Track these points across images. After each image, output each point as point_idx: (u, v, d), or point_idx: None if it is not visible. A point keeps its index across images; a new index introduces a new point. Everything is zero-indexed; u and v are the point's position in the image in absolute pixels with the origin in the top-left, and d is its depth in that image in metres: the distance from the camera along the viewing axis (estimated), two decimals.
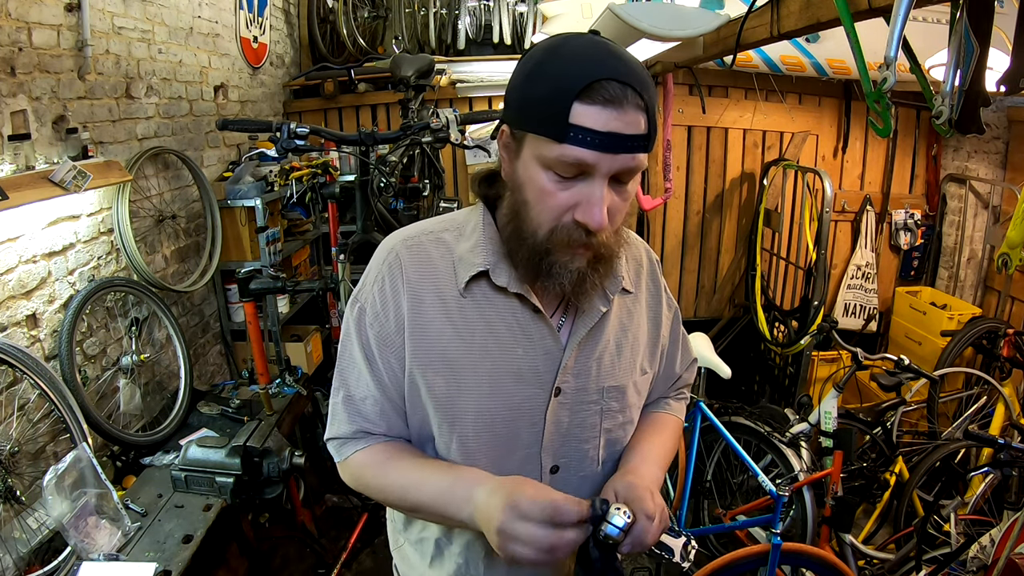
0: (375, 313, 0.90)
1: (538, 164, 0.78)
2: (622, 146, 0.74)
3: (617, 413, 0.96)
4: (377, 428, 0.93)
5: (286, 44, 3.91)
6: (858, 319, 3.57)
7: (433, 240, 0.91)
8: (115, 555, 1.57)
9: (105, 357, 2.09)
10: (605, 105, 0.73)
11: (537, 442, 0.91)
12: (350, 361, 0.93)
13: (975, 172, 3.33)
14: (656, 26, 1.81)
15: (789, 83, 3.24)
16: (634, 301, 0.99)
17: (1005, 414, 2.71)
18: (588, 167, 0.75)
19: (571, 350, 0.89)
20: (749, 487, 2.74)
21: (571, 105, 0.73)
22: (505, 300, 0.88)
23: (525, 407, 0.89)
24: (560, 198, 0.78)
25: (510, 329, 0.88)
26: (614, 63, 0.75)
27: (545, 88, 0.76)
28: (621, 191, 0.80)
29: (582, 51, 0.76)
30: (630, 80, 0.74)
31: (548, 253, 0.81)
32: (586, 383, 0.92)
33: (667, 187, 3.04)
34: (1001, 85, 1.06)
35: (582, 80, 0.73)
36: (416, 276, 0.89)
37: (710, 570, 1.86)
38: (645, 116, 0.76)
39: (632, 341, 0.97)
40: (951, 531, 2.23)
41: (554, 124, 0.74)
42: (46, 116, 1.82)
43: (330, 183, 3.12)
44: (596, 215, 0.77)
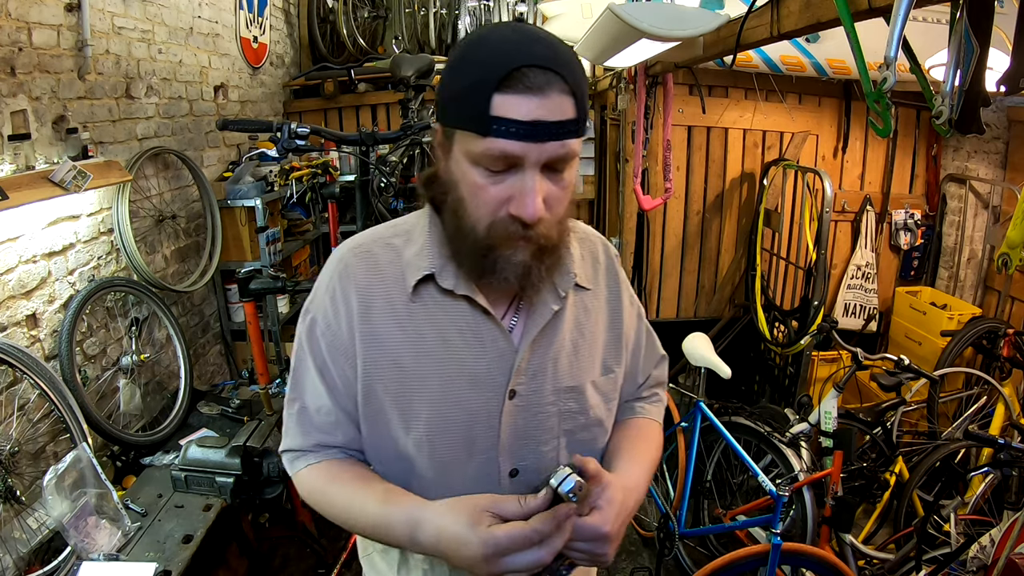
0: (327, 323, 0.88)
1: (467, 160, 0.76)
2: (549, 134, 0.72)
3: (577, 414, 0.93)
4: (332, 440, 0.91)
5: (286, 44, 3.92)
6: (858, 319, 3.57)
7: (382, 246, 0.90)
8: (115, 555, 1.57)
9: (105, 357, 2.09)
10: (527, 93, 0.71)
11: (494, 446, 0.88)
12: (304, 372, 0.91)
13: (975, 172, 3.33)
14: (656, 26, 1.81)
15: (789, 83, 3.24)
16: (592, 297, 0.97)
17: (1005, 414, 2.70)
18: (516, 159, 0.73)
19: (524, 351, 0.87)
20: (749, 487, 2.74)
21: (491, 96, 0.71)
22: (454, 303, 0.86)
23: (480, 411, 0.87)
24: (493, 193, 0.76)
25: (461, 332, 0.86)
26: (534, 48, 0.72)
27: (466, 82, 0.74)
28: (557, 179, 0.78)
29: (501, 40, 0.74)
30: (552, 64, 0.72)
31: (490, 249, 0.79)
32: (542, 384, 0.89)
33: (667, 187, 3.04)
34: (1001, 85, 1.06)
35: (501, 69, 0.71)
36: (366, 283, 0.87)
37: (710, 570, 1.86)
38: (572, 100, 0.73)
39: (591, 339, 0.95)
40: (951, 531, 2.23)
41: (477, 118, 0.72)
42: (46, 116, 1.82)
43: (330, 183, 3.13)
44: (529, 207, 0.75)
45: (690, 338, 2.76)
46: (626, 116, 3.21)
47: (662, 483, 2.84)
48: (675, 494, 2.58)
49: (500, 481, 0.90)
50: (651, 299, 3.50)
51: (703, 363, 2.60)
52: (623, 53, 2.21)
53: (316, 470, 0.91)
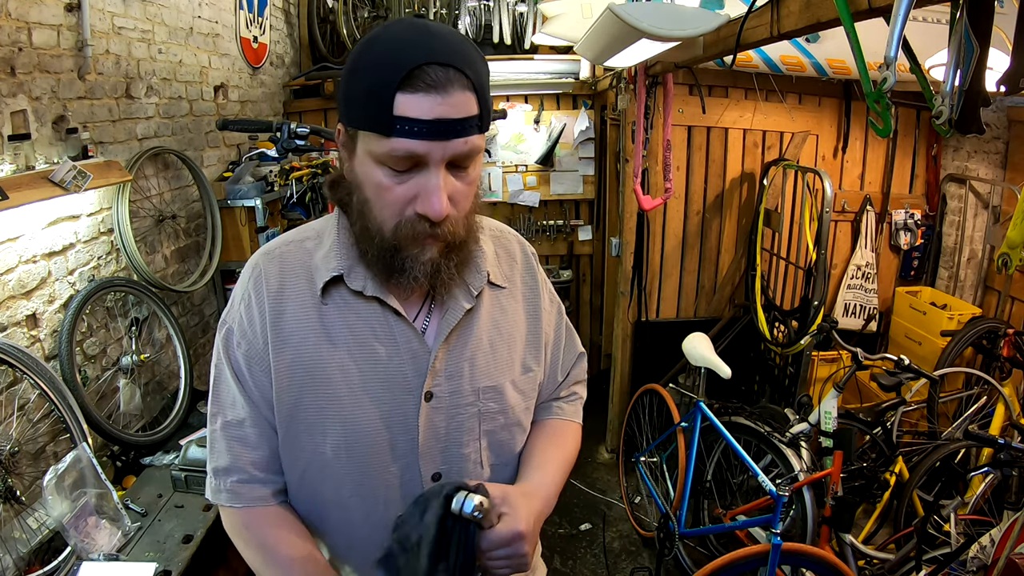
0: (243, 331, 0.87)
1: (372, 160, 0.76)
2: (452, 131, 0.72)
3: (497, 414, 0.92)
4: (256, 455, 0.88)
5: (286, 44, 3.91)
6: (858, 319, 3.57)
7: (295, 249, 0.89)
8: (115, 555, 1.57)
9: (105, 357, 2.09)
10: (428, 91, 0.70)
11: (413, 450, 0.87)
12: (224, 385, 0.89)
13: (975, 172, 3.33)
14: (656, 26, 1.81)
15: (789, 83, 3.24)
16: (508, 296, 0.95)
17: (1005, 414, 2.70)
18: (420, 158, 0.73)
19: (436, 351, 0.86)
20: (749, 487, 2.74)
21: (394, 96, 0.70)
22: (365, 305, 0.85)
23: (396, 414, 0.86)
24: (397, 192, 0.76)
25: (374, 334, 0.85)
26: (434, 44, 0.71)
27: (366, 82, 0.73)
28: (462, 176, 0.78)
29: (399, 37, 0.73)
30: (452, 60, 0.71)
31: (397, 249, 0.79)
32: (460, 385, 0.88)
33: (667, 187, 3.04)
34: (1001, 85, 1.06)
35: (402, 68, 0.70)
36: (277, 287, 0.86)
37: (710, 570, 1.86)
38: (475, 95, 0.73)
39: (508, 338, 0.94)
40: (951, 531, 2.23)
41: (379, 119, 0.72)
42: (46, 116, 1.82)
43: None
44: (435, 205, 0.74)
45: (690, 338, 2.76)
46: (626, 116, 3.21)
47: (662, 483, 2.84)
48: (675, 494, 2.58)
49: (423, 486, 0.88)
50: (651, 299, 3.50)
51: (703, 363, 2.60)
52: (623, 53, 2.21)
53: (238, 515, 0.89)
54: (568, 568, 2.79)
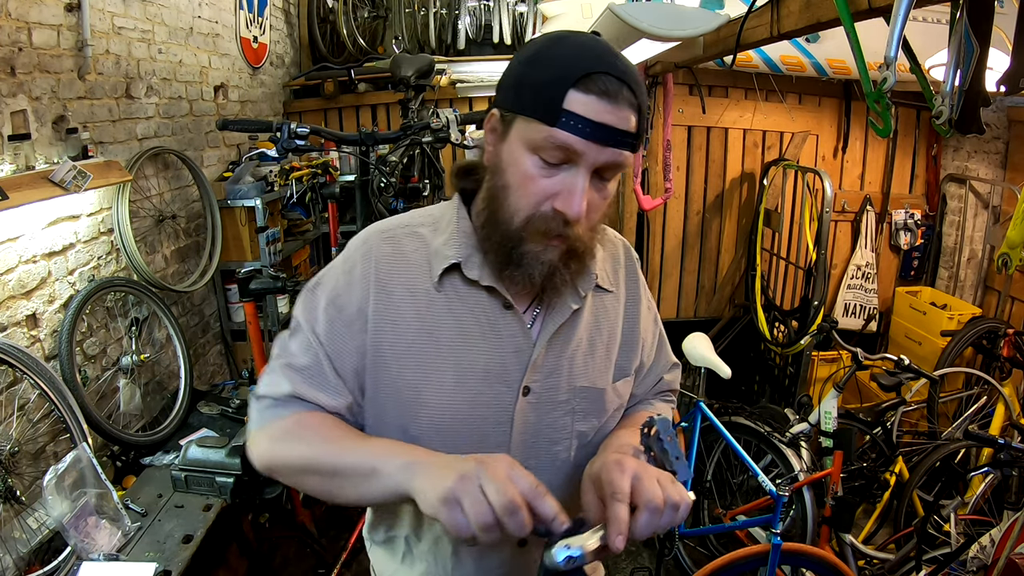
0: (337, 293, 0.87)
1: (525, 147, 0.77)
2: (611, 139, 0.75)
3: (591, 416, 0.92)
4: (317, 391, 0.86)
5: (286, 44, 3.92)
6: (858, 319, 3.57)
7: (408, 234, 0.89)
8: (115, 555, 1.57)
9: (105, 357, 2.09)
10: (600, 97, 0.73)
11: (504, 443, 0.87)
12: (298, 336, 0.88)
13: (975, 172, 3.33)
14: (656, 26, 1.81)
15: (789, 83, 3.24)
16: (612, 299, 0.96)
17: (1005, 414, 2.71)
18: (575, 155, 0.75)
19: (540, 347, 0.87)
20: (749, 487, 2.74)
21: (567, 91, 0.73)
22: (476, 294, 0.86)
23: (492, 405, 0.86)
24: (542, 184, 0.77)
25: (479, 324, 0.86)
26: (613, 60, 0.76)
27: (543, 73, 0.76)
28: (602, 188, 0.80)
29: (584, 45, 0.77)
30: (626, 78, 0.75)
31: (521, 241, 0.80)
32: (557, 382, 0.89)
33: (667, 187, 3.04)
34: (1001, 85, 1.06)
35: (581, 70, 0.74)
36: (388, 268, 0.87)
37: (710, 570, 1.86)
38: (637, 116, 0.76)
39: (607, 340, 0.94)
40: (951, 531, 2.23)
41: (547, 107, 0.74)
42: (46, 116, 1.82)
43: (330, 183, 3.12)
44: (576, 204, 0.76)
45: (690, 338, 2.76)
46: None
47: None
48: None
49: None
50: None
51: (703, 363, 2.60)
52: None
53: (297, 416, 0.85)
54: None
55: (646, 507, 0.70)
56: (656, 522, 0.71)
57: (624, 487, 0.71)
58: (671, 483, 0.74)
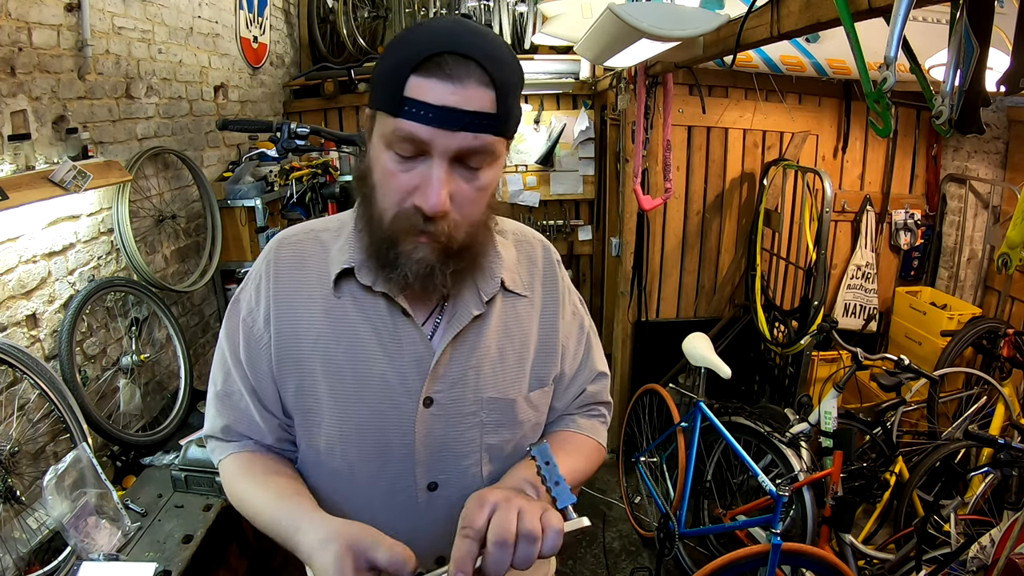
0: (249, 310, 0.87)
1: (382, 143, 0.74)
2: (459, 123, 0.69)
3: (500, 428, 0.87)
4: (246, 427, 0.88)
5: (286, 44, 3.91)
6: (858, 319, 3.57)
7: (312, 239, 0.88)
8: (115, 555, 1.57)
9: (105, 357, 2.09)
10: (441, 79, 0.69)
11: (409, 456, 0.84)
12: (221, 358, 0.90)
13: (975, 172, 3.32)
14: (656, 26, 1.81)
15: (789, 83, 3.24)
16: (526, 304, 0.91)
17: (1005, 414, 2.70)
18: (423, 144, 0.71)
19: (439, 355, 0.83)
20: (749, 487, 2.74)
21: (407, 77, 0.69)
22: (373, 301, 0.83)
23: (392, 417, 0.83)
24: (400, 180, 0.74)
25: (377, 332, 0.83)
26: (463, 38, 0.70)
27: (389, 61, 0.73)
28: (471, 178, 0.74)
29: (434, 27, 0.73)
30: (475, 54, 0.70)
31: (392, 242, 0.77)
32: (463, 393, 0.85)
33: (667, 187, 3.04)
34: (1001, 85, 1.06)
35: (422, 53, 0.69)
36: (288, 276, 0.86)
37: (710, 570, 1.86)
38: (494, 94, 0.71)
39: (519, 348, 0.89)
40: (951, 531, 2.23)
41: (391, 98, 0.71)
42: (46, 116, 1.82)
43: (330, 183, 3.12)
44: (432, 198, 0.71)
45: (690, 338, 2.76)
46: (626, 116, 3.21)
47: (662, 483, 2.84)
48: (675, 494, 2.58)
49: (417, 494, 0.86)
50: (651, 299, 3.50)
51: (703, 363, 2.60)
52: (623, 53, 2.21)
53: (232, 461, 0.89)
54: (568, 568, 2.79)
55: (492, 542, 0.65)
56: (506, 557, 0.65)
57: (476, 521, 0.66)
58: (539, 512, 0.68)
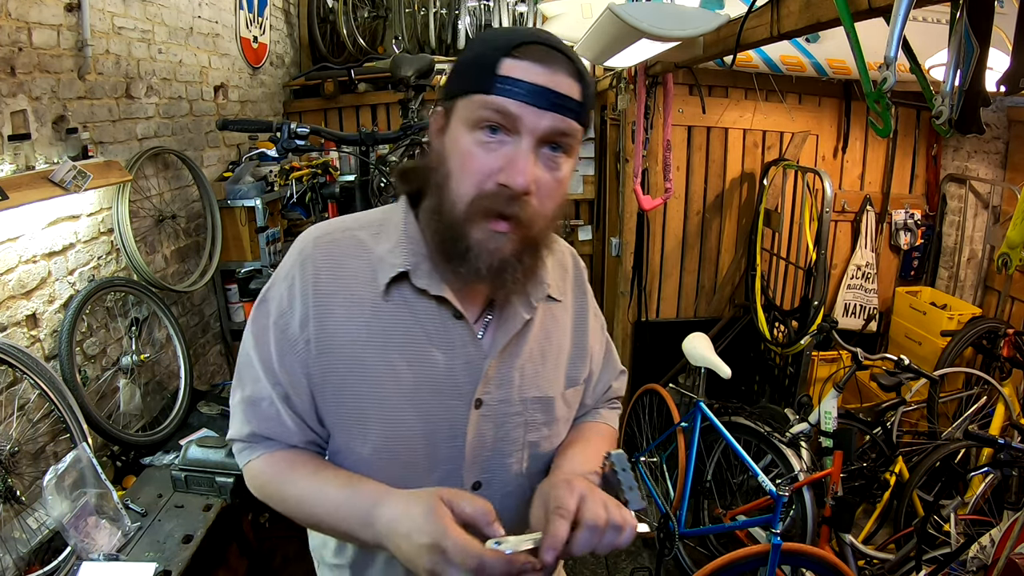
0: (280, 312, 0.83)
1: (464, 126, 0.75)
2: (551, 103, 0.72)
3: (542, 426, 0.90)
4: (276, 432, 0.86)
5: (286, 44, 3.91)
6: (858, 319, 3.57)
7: (349, 239, 0.85)
8: (115, 555, 1.57)
9: (105, 357, 2.09)
10: (535, 61, 0.72)
11: (458, 458, 0.84)
12: (248, 362, 0.86)
13: (975, 172, 3.32)
14: (656, 26, 1.81)
15: (789, 83, 3.24)
16: (561, 309, 0.94)
17: (1005, 414, 2.70)
18: (514, 120, 0.72)
19: (492, 358, 0.84)
20: (749, 487, 2.74)
21: (500, 60, 0.72)
22: (425, 304, 0.82)
23: (444, 420, 0.83)
24: (483, 160, 0.73)
25: (429, 335, 0.82)
26: (547, 35, 0.76)
27: (476, 51, 0.76)
28: (553, 167, 0.75)
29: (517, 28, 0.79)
30: (562, 47, 0.75)
31: (466, 231, 0.75)
32: (509, 394, 0.86)
33: (667, 187, 3.04)
34: (1001, 85, 1.06)
35: (514, 41, 0.73)
36: (328, 277, 0.82)
37: (710, 570, 1.87)
38: (579, 86, 0.74)
39: (556, 349, 0.92)
40: (951, 531, 2.23)
41: (483, 78, 0.73)
42: (46, 116, 1.82)
43: (330, 183, 3.12)
44: (521, 173, 0.71)
45: (690, 338, 2.76)
46: (626, 116, 3.21)
47: (662, 483, 2.84)
48: (675, 494, 2.58)
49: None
50: (651, 299, 3.50)
51: (703, 363, 2.60)
52: (623, 53, 2.21)
53: (268, 460, 0.86)
54: (568, 568, 2.78)
55: (586, 525, 0.70)
56: (595, 541, 0.71)
57: (569, 504, 0.71)
58: (617, 507, 0.74)
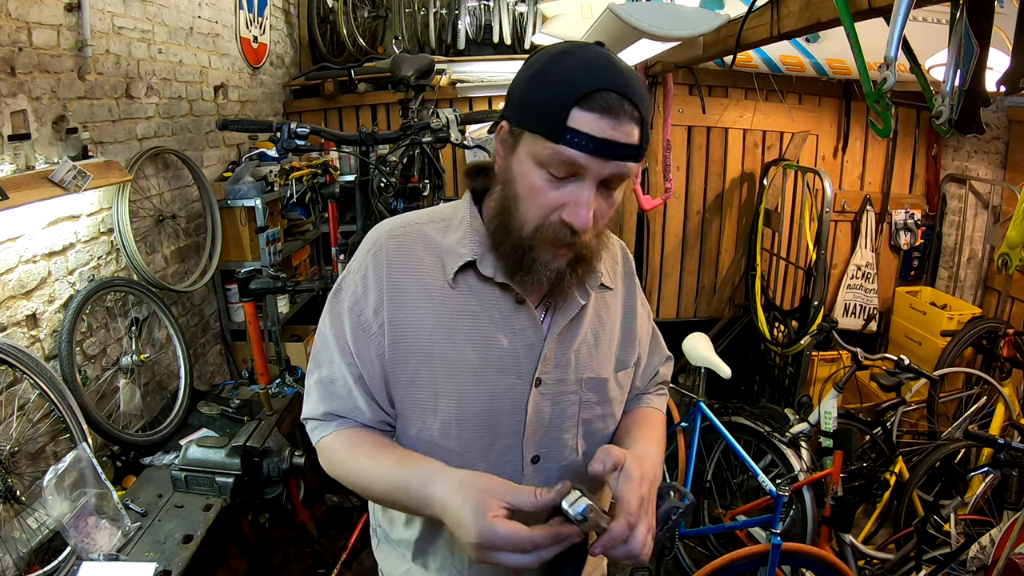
0: (355, 299, 0.92)
1: (533, 161, 0.81)
2: (614, 153, 0.77)
3: (596, 405, 0.98)
4: (348, 411, 0.93)
5: (286, 44, 3.91)
6: (858, 319, 3.57)
7: (417, 232, 0.93)
8: (115, 555, 1.57)
9: (105, 357, 2.09)
10: (603, 114, 0.76)
11: (519, 432, 0.92)
12: (324, 344, 0.95)
13: (975, 172, 3.33)
14: (656, 26, 1.81)
15: (789, 83, 3.24)
16: (612, 296, 1.02)
17: (1005, 414, 2.71)
18: (580, 169, 0.78)
19: (551, 341, 0.91)
20: (749, 487, 2.74)
21: (571, 110, 0.76)
22: (490, 291, 0.90)
23: (507, 397, 0.91)
24: (550, 196, 0.81)
25: (493, 320, 0.90)
26: (615, 75, 0.78)
27: (548, 91, 0.79)
28: (608, 197, 0.83)
29: (587, 60, 0.79)
30: (628, 93, 0.77)
31: (531, 249, 0.84)
32: (565, 374, 0.94)
33: (667, 187, 3.04)
34: (1001, 85, 1.06)
35: (584, 88, 0.76)
36: (400, 266, 0.91)
37: (710, 570, 1.87)
38: (639, 128, 0.79)
39: (608, 334, 1.00)
40: (951, 531, 2.23)
41: (553, 125, 0.77)
42: (46, 116, 1.82)
43: (330, 183, 3.12)
44: (582, 216, 0.80)
45: (690, 338, 2.76)
46: None
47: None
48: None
49: (523, 467, 0.94)
50: (651, 299, 3.50)
51: (703, 363, 2.60)
52: (623, 53, 2.21)
53: (336, 437, 0.94)
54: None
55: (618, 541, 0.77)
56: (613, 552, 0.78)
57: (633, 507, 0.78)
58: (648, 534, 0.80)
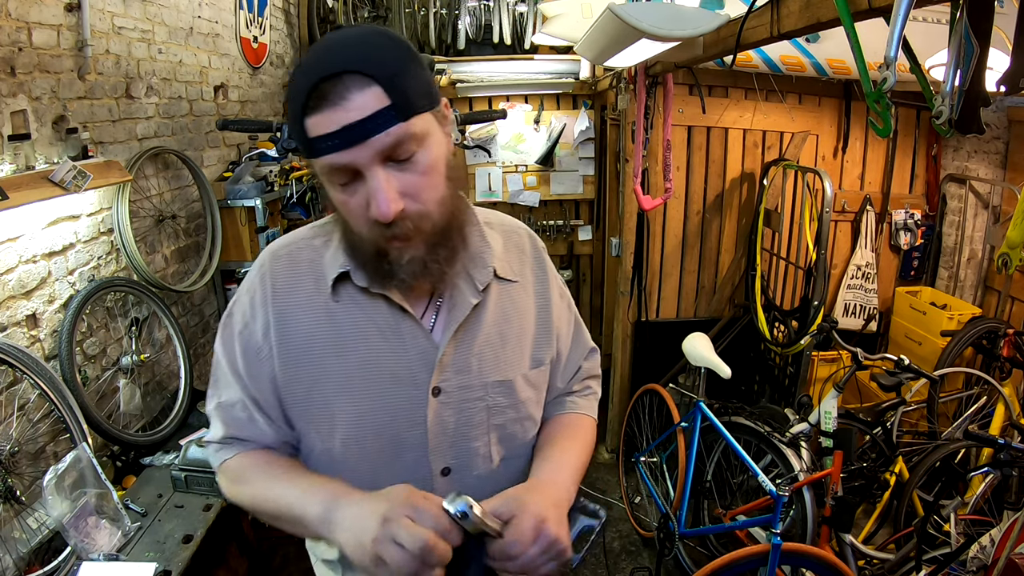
0: (244, 323, 0.90)
1: (325, 180, 0.79)
2: (359, 135, 0.72)
3: (507, 409, 0.93)
4: (250, 434, 0.92)
5: (286, 44, 3.91)
6: (858, 319, 3.57)
7: (304, 248, 0.92)
8: (115, 555, 1.58)
9: (105, 357, 2.09)
10: (326, 108, 0.72)
11: (422, 444, 0.89)
12: (220, 370, 0.93)
13: (975, 172, 3.32)
14: (656, 26, 1.81)
15: (789, 83, 3.24)
16: (519, 289, 0.96)
17: (1005, 414, 2.70)
18: (350, 167, 0.74)
19: (444, 347, 0.87)
20: (749, 487, 2.74)
21: (304, 122, 0.74)
22: (371, 302, 0.87)
23: (403, 409, 0.87)
24: (352, 203, 0.77)
25: (380, 331, 0.87)
26: (328, 57, 0.73)
27: (290, 115, 0.77)
28: (409, 167, 0.76)
29: (306, 65, 0.75)
30: (343, 66, 0.72)
31: (376, 254, 0.81)
32: (468, 380, 0.89)
33: (667, 187, 3.04)
34: (1001, 85, 1.06)
35: (304, 94, 0.73)
36: (285, 285, 0.89)
37: (710, 570, 1.86)
38: (380, 88, 0.72)
39: (518, 331, 0.95)
40: (951, 531, 2.23)
41: (304, 145, 0.75)
42: (46, 116, 1.82)
43: None
44: (381, 206, 0.74)
45: (690, 338, 2.76)
46: (626, 116, 3.21)
47: (662, 483, 2.84)
48: (675, 494, 2.58)
49: (433, 480, 0.90)
50: (651, 299, 3.50)
51: (703, 363, 2.60)
52: (623, 53, 2.21)
53: (237, 460, 0.92)
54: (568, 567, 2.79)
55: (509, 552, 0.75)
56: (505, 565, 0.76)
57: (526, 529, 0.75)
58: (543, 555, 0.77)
